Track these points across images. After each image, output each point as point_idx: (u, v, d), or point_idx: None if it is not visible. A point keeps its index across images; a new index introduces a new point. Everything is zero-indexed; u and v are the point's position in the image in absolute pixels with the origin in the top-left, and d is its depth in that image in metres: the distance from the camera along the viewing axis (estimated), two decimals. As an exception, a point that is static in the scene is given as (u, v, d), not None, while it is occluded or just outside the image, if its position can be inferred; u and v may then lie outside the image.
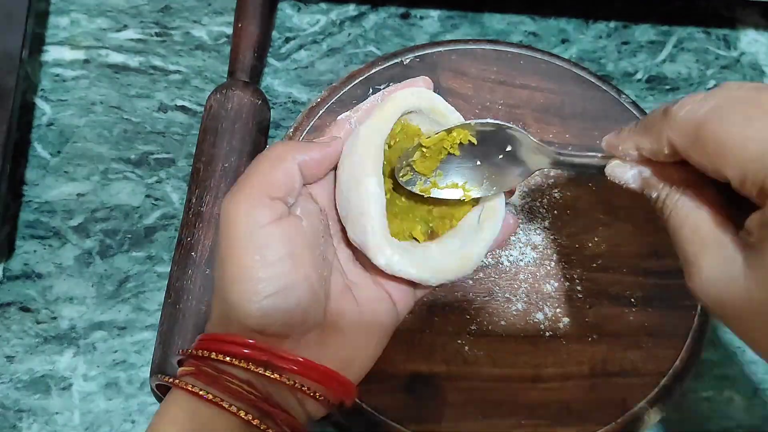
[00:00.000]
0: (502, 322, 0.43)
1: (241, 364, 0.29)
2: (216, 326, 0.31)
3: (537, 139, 0.49)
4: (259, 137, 0.46)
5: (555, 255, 0.45)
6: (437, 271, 0.32)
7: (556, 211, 0.46)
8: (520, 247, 0.45)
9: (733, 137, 0.24)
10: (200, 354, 0.29)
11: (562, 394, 0.41)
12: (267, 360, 0.29)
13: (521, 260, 0.45)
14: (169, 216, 0.47)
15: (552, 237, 0.45)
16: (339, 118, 0.34)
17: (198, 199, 0.43)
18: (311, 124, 0.46)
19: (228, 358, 0.29)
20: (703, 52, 0.54)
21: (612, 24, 0.55)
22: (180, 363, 0.32)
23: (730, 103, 0.25)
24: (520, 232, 0.46)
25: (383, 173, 0.31)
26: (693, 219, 0.27)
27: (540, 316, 0.43)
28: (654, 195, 0.28)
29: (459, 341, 0.42)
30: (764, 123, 0.24)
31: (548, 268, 0.45)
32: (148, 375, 0.41)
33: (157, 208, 0.47)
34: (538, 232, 0.45)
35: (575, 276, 0.44)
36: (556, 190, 0.46)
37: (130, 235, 0.46)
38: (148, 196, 0.47)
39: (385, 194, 0.31)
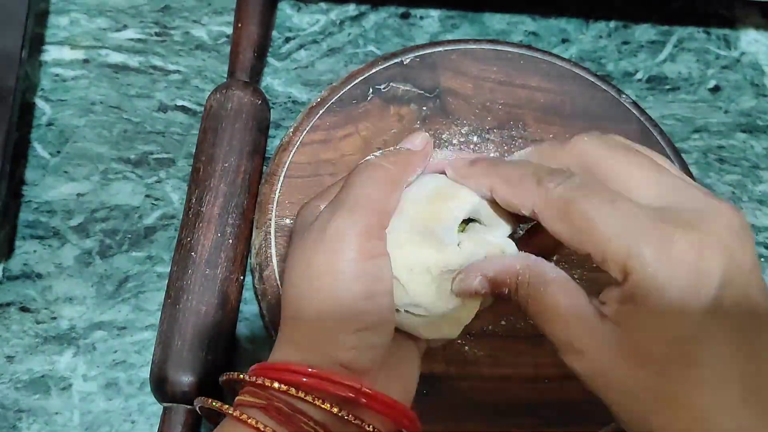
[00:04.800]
0: (502, 322, 0.43)
1: (324, 405, 0.26)
2: (290, 353, 0.28)
3: (537, 138, 0.49)
4: (259, 137, 0.46)
5: (555, 255, 0.45)
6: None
7: (556, 211, 0.46)
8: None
9: (600, 215, 0.25)
10: (274, 386, 0.27)
11: (562, 394, 0.41)
12: (355, 398, 0.27)
13: (521, 260, 0.45)
14: (169, 216, 0.47)
15: (552, 237, 0.45)
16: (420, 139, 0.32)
17: (198, 199, 0.43)
18: (311, 124, 0.46)
19: (310, 397, 0.26)
20: (704, 52, 0.54)
21: (612, 24, 0.55)
22: (227, 385, 0.29)
23: (596, 182, 0.26)
24: (521, 231, 0.45)
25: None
26: (550, 299, 0.27)
27: (540, 316, 0.43)
28: (505, 290, 0.28)
29: (459, 341, 0.42)
30: (626, 203, 0.25)
31: (548, 268, 0.45)
32: (148, 375, 0.41)
33: (157, 208, 0.47)
34: (538, 232, 0.45)
35: (575, 275, 0.44)
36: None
37: (130, 235, 0.46)
38: (148, 196, 0.47)
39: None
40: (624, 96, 0.49)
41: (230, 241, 0.43)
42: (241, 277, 0.43)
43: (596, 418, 0.41)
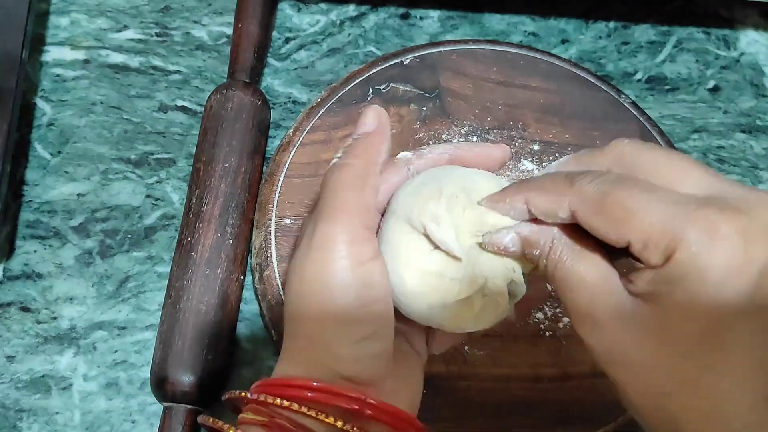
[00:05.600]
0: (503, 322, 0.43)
1: (328, 419, 0.26)
2: (292, 368, 0.28)
3: (537, 139, 0.49)
4: (259, 137, 0.46)
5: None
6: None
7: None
8: (520, 247, 0.45)
9: (638, 203, 0.24)
10: (276, 403, 0.26)
11: (562, 394, 0.41)
12: (359, 410, 0.26)
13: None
14: (169, 216, 0.47)
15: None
16: (398, 157, 0.32)
17: (198, 200, 0.43)
18: (311, 124, 0.46)
19: (313, 412, 0.26)
20: (703, 52, 0.54)
21: (612, 24, 0.55)
22: (230, 403, 0.29)
23: (632, 176, 0.26)
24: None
25: None
26: (579, 268, 0.26)
27: (540, 315, 0.43)
28: (536, 252, 0.28)
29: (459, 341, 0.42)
30: (667, 192, 0.25)
31: (548, 268, 0.45)
32: (149, 375, 0.41)
33: (157, 208, 0.47)
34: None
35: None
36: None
37: (130, 235, 0.46)
38: (148, 196, 0.47)
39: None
40: (624, 96, 0.49)
41: (230, 241, 0.43)
42: (241, 277, 0.43)
43: (596, 418, 0.41)
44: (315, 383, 0.26)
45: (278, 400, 0.26)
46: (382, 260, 0.28)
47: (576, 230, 0.27)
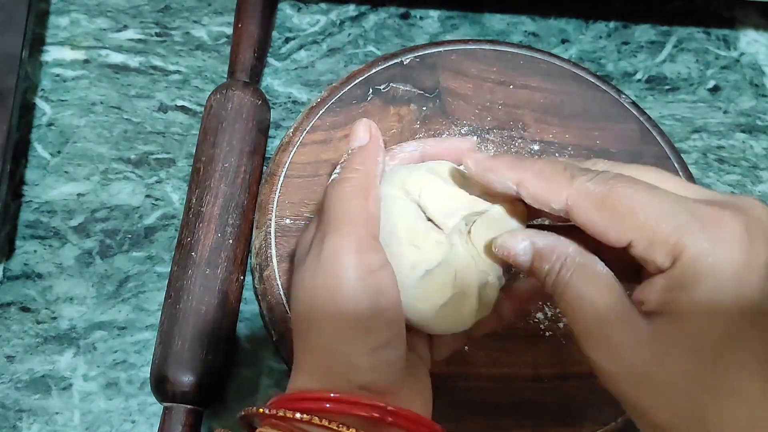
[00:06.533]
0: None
1: (349, 431, 0.25)
2: (308, 381, 0.28)
3: (537, 139, 0.49)
4: (259, 137, 0.46)
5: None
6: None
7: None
8: (520, 247, 0.45)
9: (644, 199, 0.24)
10: (296, 417, 0.26)
11: (562, 394, 0.41)
12: (381, 418, 0.26)
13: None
14: (169, 216, 0.47)
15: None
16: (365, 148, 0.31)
17: (198, 200, 0.43)
18: (311, 124, 0.46)
19: (334, 425, 0.25)
20: (703, 52, 0.54)
21: (612, 24, 0.55)
22: (245, 420, 0.29)
23: (638, 169, 0.26)
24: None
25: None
26: (590, 291, 0.26)
27: (540, 315, 0.43)
28: (546, 267, 0.27)
29: (459, 341, 0.42)
30: (675, 183, 0.25)
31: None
32: (148, 375, 0.41)
33: (157, 208, 0.47)
34: (538, 232, 0.45)
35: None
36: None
37: (130, 235, 0.46)
38: (148, 196, 0.47)
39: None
40: (624, 96, 0.49)
41: (230, 241, 0.43)
42: (241, 277, 0.43)
43: (596, 418, 0.41)
44: (333, 394, 0.26)
45: (298, 414, 0.26)
46: (390, 268, 0.28)
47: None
